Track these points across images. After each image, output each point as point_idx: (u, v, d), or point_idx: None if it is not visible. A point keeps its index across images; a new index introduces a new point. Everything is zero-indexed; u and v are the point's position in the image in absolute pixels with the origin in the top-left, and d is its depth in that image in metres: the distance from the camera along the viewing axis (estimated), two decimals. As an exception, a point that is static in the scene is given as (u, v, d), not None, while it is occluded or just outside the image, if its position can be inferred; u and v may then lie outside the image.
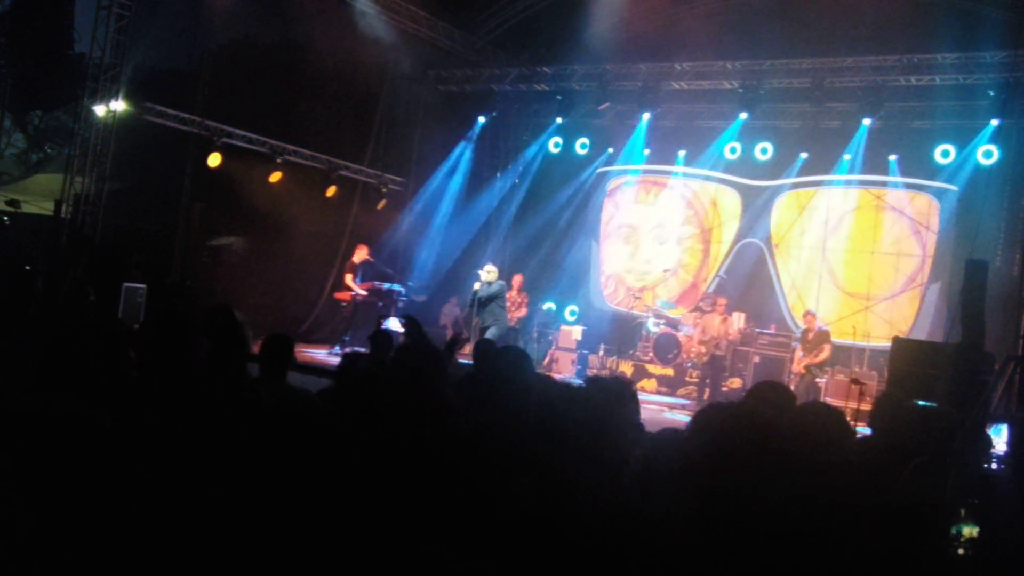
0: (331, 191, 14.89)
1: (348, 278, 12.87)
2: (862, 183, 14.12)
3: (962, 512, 2.74)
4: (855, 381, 10.60)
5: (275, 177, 13.90)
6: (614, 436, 2.53)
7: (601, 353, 14.25)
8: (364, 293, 12.81)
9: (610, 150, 16.24)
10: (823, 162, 14.22)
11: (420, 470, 2.05)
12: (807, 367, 11.81)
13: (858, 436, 3.33)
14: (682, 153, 15.56)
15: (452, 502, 2.02)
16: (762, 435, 2.06)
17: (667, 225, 16.00)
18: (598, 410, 2.54)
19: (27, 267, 9.73)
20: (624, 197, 16.54)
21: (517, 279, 13.60)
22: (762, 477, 1.95)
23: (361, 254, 13.00)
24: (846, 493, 2.82)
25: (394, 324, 10.74)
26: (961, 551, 2.61)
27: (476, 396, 3.39)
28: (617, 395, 2.53)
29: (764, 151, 14.57)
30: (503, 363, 3.43)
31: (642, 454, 2.50)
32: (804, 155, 14.29)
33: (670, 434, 2.62)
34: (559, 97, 15.59)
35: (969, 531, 2.66)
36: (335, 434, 2.19)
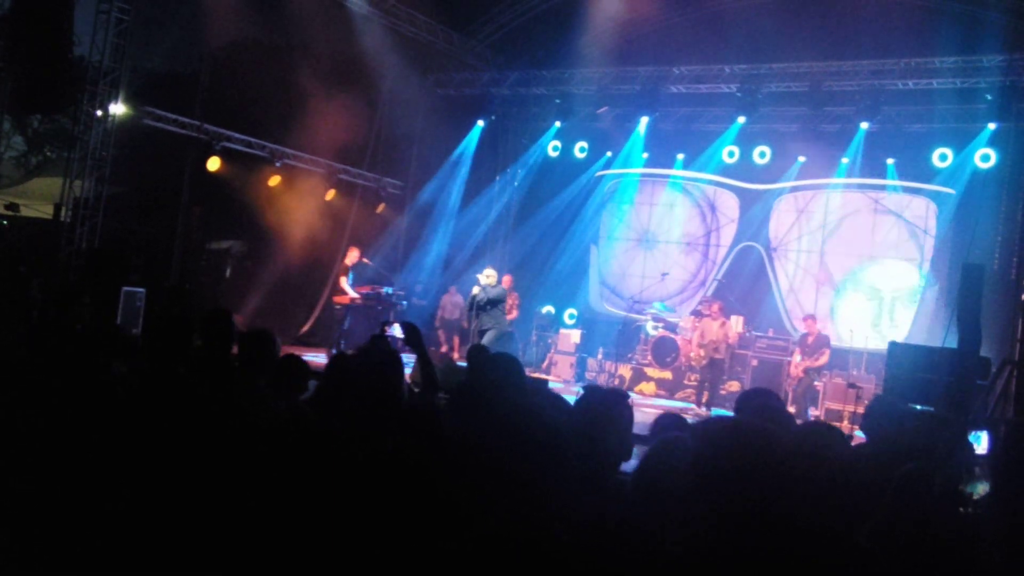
0: (330, 195, 14.91)
1: (342, 281, 12.76)
2: (860, 186, 14.13)
3: (976, 470, 2.74)
4: (852, 385, 10.63)
5: (274, 181, 13.92)
6: (605, 446, 2.53)
7: (600, 356, 14.23)
8: (358, 296, 12.79)
9: (608, 153, 16.25)
10: (821, 166, 14.24)
11: (400, 480, 2.06)
12: (806, 370, 11.82)
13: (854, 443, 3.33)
14: (681, 156, 15.58)
15: (435, 514, 2.02)
16: (771, 451, 2.06)
17: (667, 228, 16.01)
18: (591, 419, 2.55)
19: (22, 270, 9.72)
20: (628, 195, 16.55)
21: (507, 279, 13.56)
22: (772, 493, 1.95)
23: (353, 256, 12.92)
24: (845, 502, 2.83)
25: (398, 331, 10.72)
26: (970, 509, 2.61)
27: (469, 404, 3.39)
28: (612, 405, 2.54)
29: (762, 155, 14.58)
30: (495, 371, 3.43)
31: (644, 462, 2.50)
32: (802, 159, 14.31)
33: (671, 440, 2.62)
34: (558, 101, 15.62)
35: (982, 488, 2.67)
36: (317, 442, 2.20)
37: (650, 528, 2.04)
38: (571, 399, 2.80)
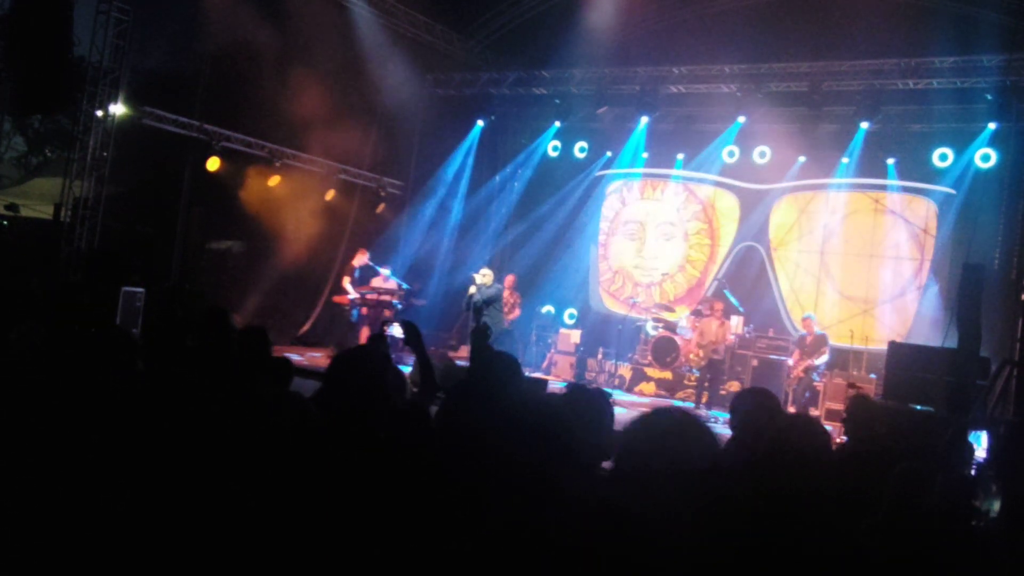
0: (330, 195, 14.91)
1: (345, 281, 12.93)
2: (860, 187, 14.13)
3: (993, 488, 2.76)
4: (852, 385, 10.63)
5: (274, 181, 13.93)
6: (585, 441, 2.53)
7: (600, 356, 14.24)
8: (358, 296, 12.82)
9: (608, 154, 16.24)
10: (821, 166, 14.23)
11: (399, 475, 2.06)
12: (805, 370, 11.84)
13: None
14: (680, 156, 15.57)
15: (435, 508, 2.02)
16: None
17: (674, 222, 15.99)
18: (573, 415, 2.55)
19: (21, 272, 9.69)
20: (629, 194, 16.56)
21: (509, 279, 13.56)
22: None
23: (361, 258, 13.03)
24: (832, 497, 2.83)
25: (398, 330, 10.76)
26: (982, 523, 2.62)
27: (469, 401, 3.39)
28: (592, 404, 2.54)
29: (762, 154, 14.57)
30: (494, 370, 3.44)
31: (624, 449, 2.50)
32: (802, 159, 14.31)
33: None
34: (557, 101, 15.62)
35: (998, 506, 2.69)
36: (323, 439, 2.21)
37: (637, 512, 2.04)
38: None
